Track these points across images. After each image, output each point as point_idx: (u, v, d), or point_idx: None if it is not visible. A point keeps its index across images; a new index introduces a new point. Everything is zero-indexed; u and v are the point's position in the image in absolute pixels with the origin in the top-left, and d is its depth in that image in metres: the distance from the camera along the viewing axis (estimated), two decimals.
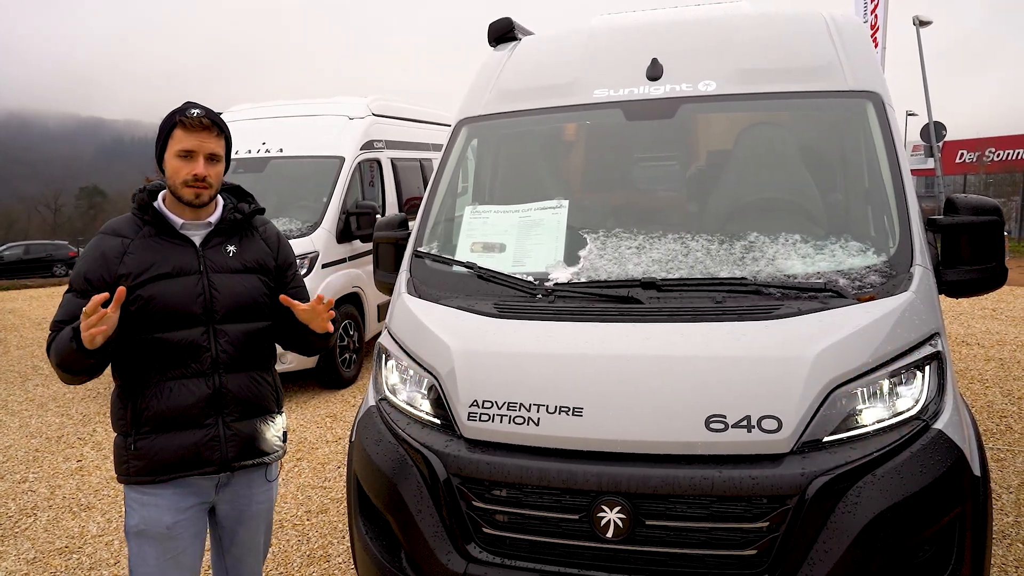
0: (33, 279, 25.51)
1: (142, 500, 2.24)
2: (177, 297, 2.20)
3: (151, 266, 2.19)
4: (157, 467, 2.22)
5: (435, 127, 10.10)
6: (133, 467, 2.22)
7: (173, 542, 2.26)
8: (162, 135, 2.22)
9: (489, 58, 3.77)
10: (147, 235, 2.23)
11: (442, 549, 2.34)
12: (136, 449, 2.22)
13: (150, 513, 2.24)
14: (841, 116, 3.12)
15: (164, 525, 2.24)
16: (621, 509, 2.16)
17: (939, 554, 2.16)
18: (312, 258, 7.08)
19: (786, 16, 3.39)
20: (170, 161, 2.19)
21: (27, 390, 7.92)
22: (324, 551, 4.05)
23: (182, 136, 2.17)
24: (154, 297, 2.17)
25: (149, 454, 2.21)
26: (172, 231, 2.26)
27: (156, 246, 2.23)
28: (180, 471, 2.24)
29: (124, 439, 2.25)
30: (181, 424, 2.22)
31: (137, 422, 2.22)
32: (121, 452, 2.26)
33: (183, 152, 2.18)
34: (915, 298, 2.40)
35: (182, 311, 2.21)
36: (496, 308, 2.63)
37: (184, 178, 2.18)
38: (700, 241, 2.75)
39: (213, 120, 2.21)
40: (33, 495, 4.98)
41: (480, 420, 2.37)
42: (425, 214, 3.29)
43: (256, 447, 2.36)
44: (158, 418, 2.21)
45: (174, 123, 2.18)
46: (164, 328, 2.20)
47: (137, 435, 2.22)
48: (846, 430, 2.18)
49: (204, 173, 2.19)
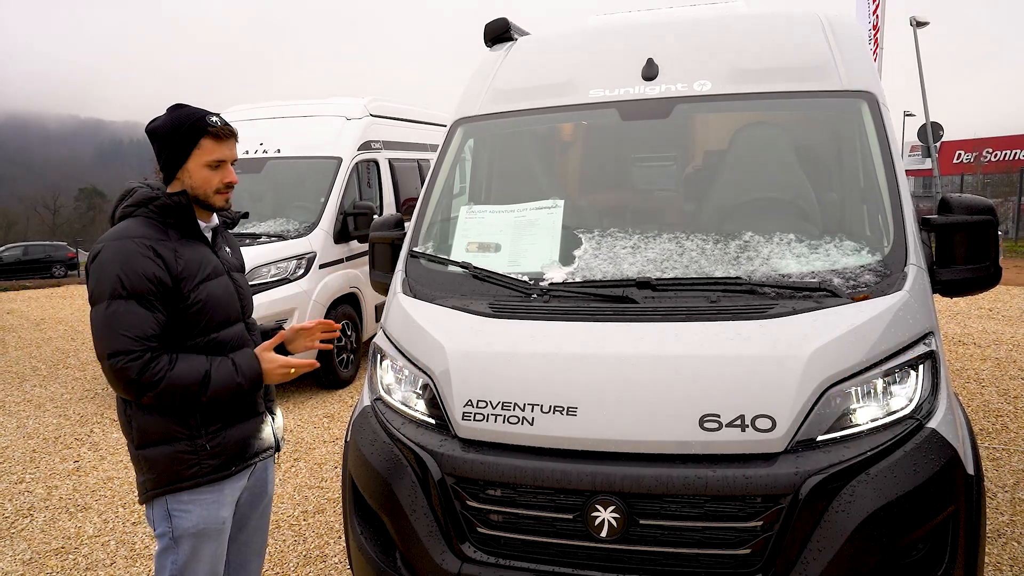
0: (32, 280, 25.48)
1: (201, 500, 2.23)
2: (223, 297, 2.28)
3: (200, 268, 2.21)
4: (231, 459, 2.28)
5: (432, 128, 10.10)
6: (207, 467, 2.22)
7: (223, 535, 2.33)
8: (186, 144, 2.18)
9: (485, 58, 3.77)
10: (176, 238, 2.21)
11: (436, 549, 2.34)
12: (211, 448, 2.23)
13: (210, 511, 2.25)
14: (836, 116, 3.12)
15: (221, 520, 2.29)
16: (615, 509, 2.16)
17: (932, 553, 2.17)
18: (309, 258, 7.08)
19: (781, 16, 3.39)
20: (199, 171, 2.20)
21: (25, 391, 7.91)
22: (320, 551, 4.05)
23: (213, 146, 2.20)
24: (208, 299, 2.21)
25: (225, 449, 2.26)
26: (197, 233, 2.28)
27: (190, 248, 2.23)
28: (249, 459, 2.34)
29: (191, 443, 2.20)
30: (243, 415, 2.31)
31: (206, 422, 2.22)
32: (185, 458, 2.19)
33: (216, 162, 2.21)
34: (909, 297, 2.40)
35: (229, 310, 2.30)
36: (491, 308, 2.64)
37: (217, 186, 2.24)
38: (695, 241, 2.76)
39: (231, 128, 2.29)
40: (30, 496, 4.98)
41: (474, 420, 2.37)
42: (421, 214, 3.29)
43: (282, 431, 2.55)
44: (226, 414, 2.27)
45: (202, 132, 2.18)
46: (219, 328, 2.25)
47: (208, 435, 2.23)
48: (840, 429, 2.19)
49: (236, 180, 2.28)
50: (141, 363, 2.04)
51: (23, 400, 7.54)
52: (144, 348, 2.06)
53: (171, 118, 2.20)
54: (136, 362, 2.04)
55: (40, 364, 9.27)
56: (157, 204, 2.18)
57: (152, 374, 2.05)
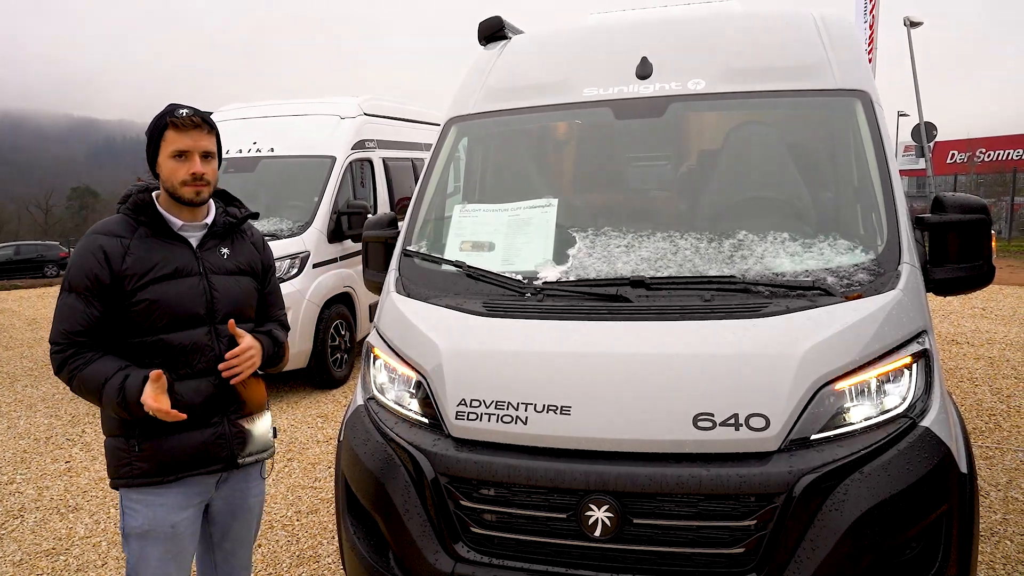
0: (24, 280, 25.34)
1: (146, 501, 2.22)
2: (181, 298, 2.21)
3: (153, 267, 2.18)
4: (166, 467, 2.22)
5: (427, 127, 10.08)
6: (137, 468, 2.20)
7: (176, 541, 2.27)
8: (153, 138, 2.20)
9: (479, 57, 3.76)
10: (143, 235, 2.21)
11: (430, 549, 2.33)
12: (141, 451, 2.19)
13: (156, 513, 2.22)
14: (830, 115, 3.12)
15: (169, 524, 2.24)
16: (609, 508, 2.16)
17: (926, 551, 2.17)
18: (303, 258, 7.06)
19: (775, 15, 3.39)
20: (165, 163, 2.19)
21: (16, 391, 7.86)
22: (314, 551, 4.03)
23: (175, 137, 2.17)
24: (159, 299, 2.17)
25: (157, 455, 2.20)
26: (168, 232, 2.25)
27: (155, 246, 2.21)
28: (189, 470, 2.25)
29: (126, 441, 2.20)
30: (189, 424, 2.21)
31: (142, 423, 2.18)
32: (121, 455, 2.21)
33: (178, 152, 2.18)
34: (902, 296, 2.40)
35: (187, 312, 2.22)
36: (485, 307, 2.63)
37: (183, 178, 2.19)
38: (689, 239, 2.75)
39: (203, 118, 2.22)
40: (21, 496, 4.94)
41: (468, 419, 2.36)
42: (414, 213, 3.28)
43: (257, 443, 2.41)
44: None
45: (164, 125, 2.17)
46: (169, 329, 2.20)
47: (141, 436, 2.19)
48: (833, 428, 2.19)
49: (202, 171, 2.21)
50: (62, 357, 2.13)
51: (14, 400, 7.49)
52: (68, 343, 2.13)
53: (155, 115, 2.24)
54: (59, 355, 2.14)
55: (32, 364, 9.21)
56: (130, 201, 2.25)
57: (68, 369, 2.13)
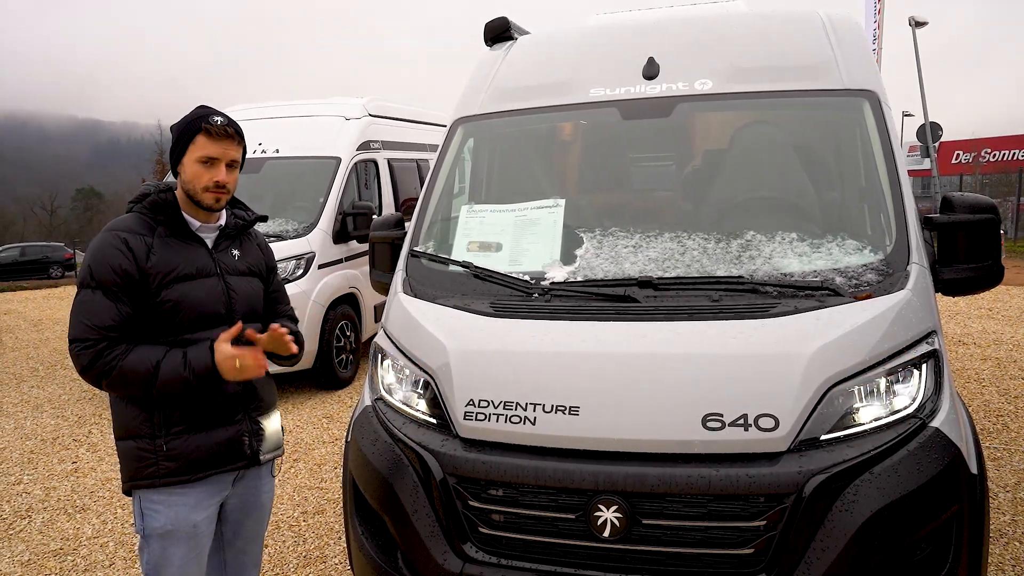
0: (29, 281, 25.43)
1: (169, 501, 2.22)
2: (204, 298, 2.23)
3: (176, 267, 2.19)
4: (194, 465, 2.23)
5: (432, 128, 10.09)
6: (164, 468, 2.20)
7: (197, 540, 2.29)
8: (183, 139, 2.20)
9: (485, 57, 3.76)
10: (163, 235, 2.22)
11: (438, 549, 2.33)
12: (168, 450, 2.20)
13: (179, 513, 2.23)
14: (838, 115, 3.11)
15: (192, 523, 2.25)
16: (618, 508, 2.15)
17: (936, 552, 2.16)
18: (308, 258, 7.07)
19: (782, 15, 3.39)
20: (191, 166, 2.20)
21: (23, 392, 7.89)
22: (320, 552, 4.03)
23: (205, 143, 2.18)
24: (183, 298, 2.19)
25: (184, 453, 2.21)
26: (187, 232, 2.26)
27: (175, 246, 2.22)
28: (214, 468, 2.27)
29: (151, 441, 2.19)
30: (214, 421, 2.25)
31: (168, 423, 2.19)
32: (145, 456, 2.20)
33: (206, 159, 2.19)
34: (911, 296, 2.40)
35: (209, 312, 2.24)
36: (492, 307, 2.63)
37: (206, 184, 2.20)
38: (697, 240, 2.75)
39: (236, 129, 2.25)
40: (28, 497, 4.96)
41: (476, 419, 2.36)
42: (421, 214, 3.28)
43: (274, 441, 2.44)
44: (192, 417, 2.22)
45: (198, 129, 2.18)
46: (193, 329, 2.21)
47: (168, 435, 2.20)
48: (843, 428, 2.18)
49: (226, 180, 2.23)
50: (94, 351, 2.09)
51: (20, 401, 7.52)
52: (100, 337, 2.09)
53: (184, 115, 2.25)
54: (89, 350, 2.09)
55: (38, 365, 9.25)
56: (149, 201, 2.24)
57: (104, 363, 2.08)
